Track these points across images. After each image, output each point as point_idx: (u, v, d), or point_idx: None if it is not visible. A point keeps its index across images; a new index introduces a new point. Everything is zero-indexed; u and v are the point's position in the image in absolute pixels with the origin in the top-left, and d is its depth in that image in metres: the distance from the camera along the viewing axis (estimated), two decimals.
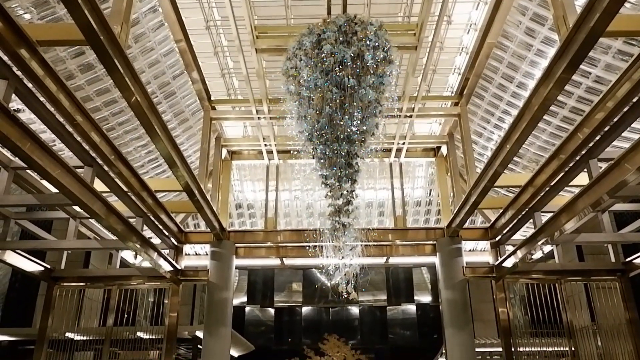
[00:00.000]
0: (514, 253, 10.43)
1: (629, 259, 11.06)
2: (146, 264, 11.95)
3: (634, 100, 6.44)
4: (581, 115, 7.22)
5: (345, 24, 6.48)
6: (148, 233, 10.70)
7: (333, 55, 6.26)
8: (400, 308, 25.48)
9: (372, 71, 6.39)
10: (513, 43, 10.07)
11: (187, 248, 13.90)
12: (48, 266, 11.42)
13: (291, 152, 7.78)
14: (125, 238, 8.60)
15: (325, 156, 6.90)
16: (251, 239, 13.12)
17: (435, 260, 12.70)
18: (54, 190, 6.82)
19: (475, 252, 15.89)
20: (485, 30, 9.61)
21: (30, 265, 10.69)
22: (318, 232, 8.17)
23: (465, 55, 11.19)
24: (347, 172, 7.02)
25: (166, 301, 11.90)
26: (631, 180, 6.38)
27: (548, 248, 11.65)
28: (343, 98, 6.34)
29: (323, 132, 6.64)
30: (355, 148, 6.86)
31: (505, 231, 11.50)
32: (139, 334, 11.68)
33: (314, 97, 6.51)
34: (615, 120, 6.91)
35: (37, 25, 7.83)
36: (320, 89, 6.37)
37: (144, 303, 12.95)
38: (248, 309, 25.53)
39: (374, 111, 6.63)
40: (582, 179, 8.14)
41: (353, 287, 8.15)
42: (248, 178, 15.78)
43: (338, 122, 6.48)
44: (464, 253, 12.42)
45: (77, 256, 15.73)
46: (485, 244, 13.33)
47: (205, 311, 12.39)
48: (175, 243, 12.24)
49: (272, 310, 25.69)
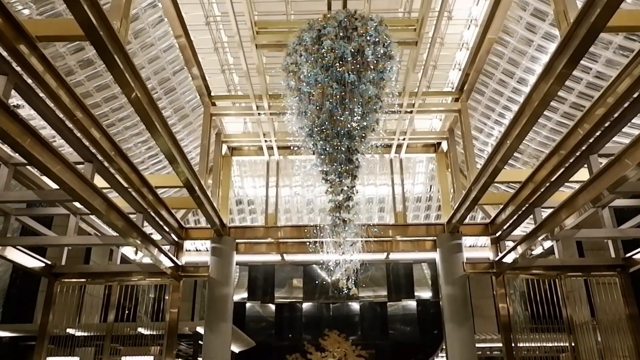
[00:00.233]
0: (514, 249, 10.44)
1: (629, 255, 11.07)
2: (147, 260, 11.96)
3: (635, 95, 6.42)
4: (582, 111, 7.20)
5: (346, 20, 6.46)
6: (148, 229, 10.70)
7: (333, 50, 6.24)
8: (400, 304, 25.52)
9: (373, 67, 6.37)
10: (514, 38, 10.05)
11: (188, 244, 13.90)
12: (49, 262, 11.44)
13: (291, 148, 7.80)
14: (125, 234, 8.61)
15: (326, 152, 6.89)
16: (252, 235, 13.13)
17: (436, 256, 12.72)
18: (54, 186, 6.84)
19: (476, 248, 15.87)
20: (486, 25, 9.59)
21: (31, 262, 10.71)
22: (318, 228, 8.16)
23: (465, 51, 11.18)
24: (348, 168, 7.01)
25: (167, 297, 11.92)
26: (631, 175, 6.38)
27: (548, 244, 11.64)
28: (343, 94, 6.33)
29: (323, 128, 6.62)
30: (356, 144, 6.85)
31: (505, 227, 11.51)
32: (140, 330, 11.71)
33: (314, 93, 6.50)
34: (615, 115, 6.90)
35: (37, 21, 7.82)
36: (320, 85, 6.36)
37: (144, 299, 12.97)
38: (249, 305, 25.57)
39: (375, 107, 6.61)
40: (583, 174, 8.14)
41: (353, 283, 8.15)
42: (248, 174, 15.80)
43: (338, 118, 6.47)
44: (464, 249, 12.43)
45: (78, 252, 15.73)
46: (485, 240, 13.32)
47: (206, 307, 12.41)
48: (176, 239, 12.25)
49: (273, 306, 25.74)
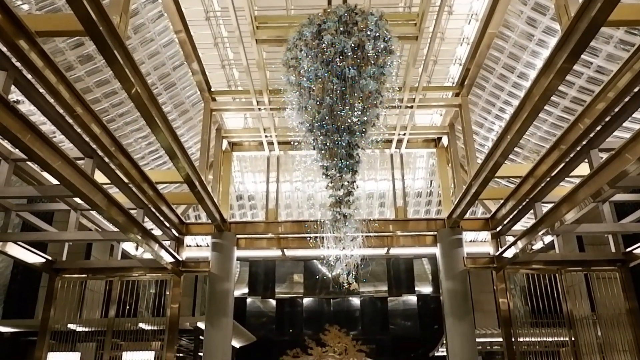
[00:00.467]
0: (514, 243, 10.46)
1: (629, 249, 11.08)
2: (147, 256, 11.97)
3: (635, 90, 6.42)
4: (582, 106, 7.20)
5: (346, 14, 6.43)
6: (149, 224, 10.71)
7: (333, 45, 6.22)
8: (401, 299, 25.54)
9: (373, 61, 6.35)
10: (514, 33, 10.02)
11: (188, 239, 13.94)
12: (49, 258, 11.46)
13: (292, 143, 7.76)
14: (126, 229, 8.62)
15: (326, 147, 6.88)
16: (252, 230, 13.14)
17: (436, 251, 12.74)
18: (55, 182, 6.82)
19: (476, 243, 15.90)
20: (487, 20, 9.56)
21: (32, 257, 10.73)
22: (319, 223, 8.16)
23: (466, 46, 11.15)
24: (348, 163, 7.00)
25: (168, 292, 11.94)
26: (632, 170, 6.38)
27: (549, 238, 11.62)
28: (344, 89, 6.32)
29: (324, 123, 6.61)
30: (356, 139, 6.84)
31: (506, 222, 11.52)
32: (141, 325, 11.73)
33: (314, 88, 6.48)
34: (616, 110, 6.89)
35: (36, 16, 7.80)
36: (320, 80, 6.34)
37: (145, 294, 13.00)
38: (249, 300, 25.59)
39: (375, 102, 6.60)
40: (583, 169, 8.13)
41: (354, 278, 8.16)
42: (249, 169, 15.78)
43: (339, 113, 6.46)
44: (465, 244, 12.46)
45: (79, 248, 15.75)
46: (486, 235, 13.33)
47: (206, 302, 12.44)
48: (176, 234, 12.27)
49: (274, 302, 25.74)
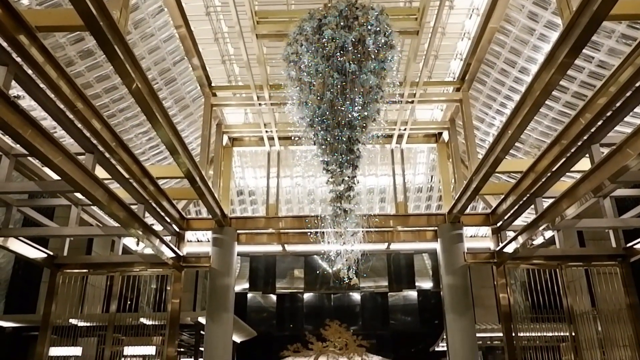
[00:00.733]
0: (515, 239, 10.46)
1: (630, 245, 11.07)
2: (148, 251, 12.00)
3: (637, 84, 6.40)
4: (584, 100, 7.18)
5: (346, 9, 6.41)
6: (150, 220, 10.72)
7: (334, 40, 6.20)
8: (401, 294, 25.58)
9: (374, 56, 6.34)
10: (516, 27, 9.98)
11: (189, 235, 13.94)
12: (51, 253, 11.47)
13: (292, 139, 7.76)
14: (127, 225, 8.63)
15: (327, 142, 6.87)
16: (253, 226, 13.15)
17: (437, 246, 12.75)
18: (56, 177, 6.84)
19: (477, 238, 15.94)
20: (488, 14, 9.54)
21: (33, 252, 10.74)
22: (319, 219, 8.16)
23: (467, 41, 11.11)
24: (349, 158, 7.00)
25: (168, 287, 11.96)
26: (633, 165, 6.36)
27: (549, 234, 11.66)
28: (344, 83, 6.30)
29: (324, 118, 6.60)
30: (357, 134, 6.83)
31: (506, 217, 11.51)
32: (142, 320, 11.75)
33: (315, 83, 6.47)
34: (617, 105, 6.88)
35: (36, 11, 7.78)
36: (321, 75, 6.32)
37: (146, 289, 13.01)
38: (250, 295, 25.64)
39: (375, 97, 6.58)
40: (584, 164, 8.12)
41: (354, 273, 8.17)
42: (249, 164, 15.79)
43: (339, 108, 6.44)
44: (465, 239, 12.47)
45: (80, 243, 15.77)
46: (486, 230, 13.36)
47: (207, 297, 12.47)
48: (177, 230, 12.27)
49: (274, 297, 25.81)
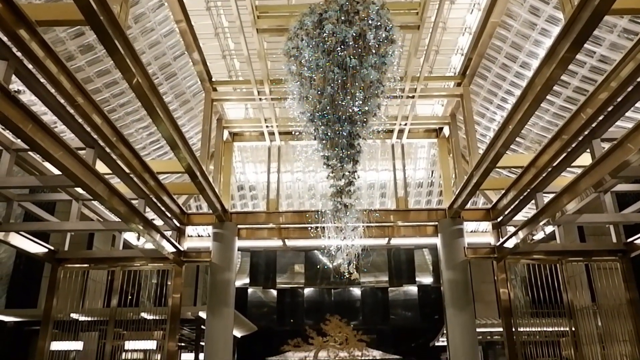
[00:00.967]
0: (515, 234, 10.46)
1: (630, 240, 11.08)
2: (149, 246, 12.01)
3: (638, 79, 6.38)
4: (585, 95, 7.17)
5: (347, 3, 6.37)
6: (150, 215, 10.72)
7: (335, 35, 6.18)
8: (401, 289, 25.66)
9: (374, 51, 6.32)
10: (517, 22, 9.95)
11: (190, 230, 13.96)
12: (52, 248, 11.50)
13: (293, 134, 7.76)
14: (128, 220, 8.64)
15: (327, 137, 6.85)
16: (253, 221, 13.16)
17: (437, 241, 12.75)
18: (57, 172, 6.83)
19: (477, 233, 15.93)
20: (489, 9, 9.51)
21: (34, 247, 10.77)
22: (320, 213, 8.16)
23: (468, 35, 11.08)
24: (349, 153, 6.99)
25: (169, 282, 11.99)
26: (634, 160, 6.36)
27: (550, 229, 11.65)
28: (345, 78, 6.28)
29: (325, 113, 6.58)
30: (357, 129, 6.82)
31: (507, 212, 11.51)
32: (143, 315, 11.79)
33: (315, 78, 6.45)
34: (619, 100, 6.86)
35: (36, 5, 7.75)
36: (321, 69, 6.31)
37: (147, 284, 13.04)
38: (250, 290, 25.72)
39: (376, 91, 6.56)
40: (585, 159, 8.11)
41: (355, 268, 8.18)
42: (250, 160, 15.79)
43: (340, 103, 6.43)
44: (466, 234, 12.48)
45: (81, 238, 15.80)
46: (487, 225, 13.34)
47: (208, 292, 12.50)
48: (178, 225, 12.28)
49: (275, 292, 25.89)
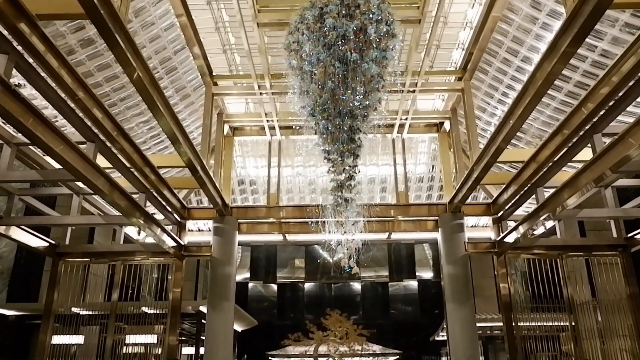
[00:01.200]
0: (515, 229, 10.47)
1: (630, 235, 11.09)
2: (150, 240, 12.03)
3: None
4: (586, 90, 7.15)
5: None
6: (151, 209, 10.74)
7: (335, 29, 6.17)
8: (402, 284, 25.71)
9: (375, 45, 6.30)
10: (518, 16, 9.92)
11: (190, 224, 13.96)
12: (53, 242, 11.52)
13: (293, 128, 7.75)
14: (128, 214, 8.65)
15: (328, 131, 6.85)
16: (254, 215, 13.18)
17: (437, 236, 12.77)
18: (57, 166, 6.84)
19: (477, 228, 15.95)
20: (490, 3, 9.48)
21: (35, 241, 10.79)
22: (320, 208, 8.17)
23: (469, 30, 11.05)
24: (350, 147, 6.99)
25: (170, 276, 12.02)
26: (635, 155, 6.35)
27: (550, 224, 11.67)
28: (345, 72, 6.27)
29: (325, 107, 6.58)
30: (358, 123, 6.82)
31: (507, 207, 11.51)
32: (144, 309, 11.82)
33: (316, 72, 6.44)
34: (620, 94, 6.85)
35: None
36: (322, 64, 6.30)
37: (148, 278, 13.07)
38: (251, 285, 25.78)
39: (377, 86, 6.55)
40: (586, 154, 8.11)
41: (355, 263, 8.19)
42: (250, 154, 15.77)
43: (340, 97, 6.42)
44: (466, 229, 12.49)
45: (81, 232, 15.81)
46: (487, 220, 13.35)
47: (208, 286, 12.53)
48: (178, 219, 12.30)
49: (275, 286, 25.95)
